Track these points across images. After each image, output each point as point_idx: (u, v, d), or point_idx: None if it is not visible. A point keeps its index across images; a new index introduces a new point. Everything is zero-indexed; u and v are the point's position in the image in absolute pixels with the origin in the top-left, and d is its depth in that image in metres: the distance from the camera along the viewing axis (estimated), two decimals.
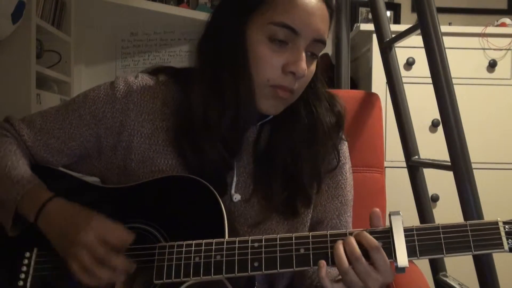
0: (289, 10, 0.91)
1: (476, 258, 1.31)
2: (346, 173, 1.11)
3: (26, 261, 0.95)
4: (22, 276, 0.94)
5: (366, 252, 0.83)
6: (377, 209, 0.87)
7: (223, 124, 0.95)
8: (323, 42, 0.96)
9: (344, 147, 1.12)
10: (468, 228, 0.84)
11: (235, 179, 1.02)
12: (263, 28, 0.93)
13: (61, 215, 0.92)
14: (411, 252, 0.84)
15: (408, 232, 0.84)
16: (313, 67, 0.98)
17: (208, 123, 0.96)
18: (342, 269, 0.83)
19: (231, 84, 0.94)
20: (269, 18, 0.92)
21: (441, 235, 0.84)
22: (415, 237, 0.84)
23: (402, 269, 0.83)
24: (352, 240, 0.84)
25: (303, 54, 0.94)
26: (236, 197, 1.01)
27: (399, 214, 0.86)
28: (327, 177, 1.08)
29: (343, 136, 1.11)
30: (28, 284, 0.93)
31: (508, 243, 0.82)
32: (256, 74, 0.94)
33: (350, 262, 0.83)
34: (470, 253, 0.83)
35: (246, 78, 0.94)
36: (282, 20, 0.91)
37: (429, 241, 0.84)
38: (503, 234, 0.83)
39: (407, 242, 0.84)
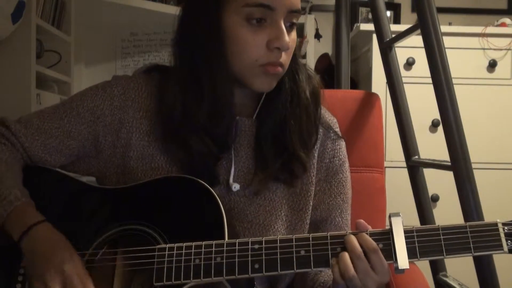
0: None
1: (476, 258, 1.31)
2: (346, 171, 1.12)
3: (22, 271, 0.94)
4: (20, 278, 0.93)
5: (364, 253, 0.84)
6: (361, 220, 0.88)
7: (202, 115, 0.96)
8: (298, 12, 0.97)
9: (343, 145, 1.12)
10: (468, 229, 0.84)
11: (232, 169, 1.02)
12: (239, 12, 0.93)
13: (43, 244, 0.89)
14: (411, 254, 0.84)
15: (408, 233, 0.85)
16: (294, 35, 0.99)
17: (188, 117, 0.97)
18: (349, 275, 0.83)
19: (207, 75, 0.96)
20: (243, 0, 0.93)
21: (441, 237, 0.84)
22: (415, 239, 0.84)
23: (402, 270, 0.83)
24: (353, 239, 0.85)
25: (283, 27, 0.94)
26: (235, 186, 1.01)
27: (399, 215, 0.86)
28: (329, 176, 1.09)
29: (340, 134, 1.12)
30: None
31: (507, 244, 0.83)
32: (242, 57, 0.95)
33: (351, 260, 0.83)
34: (470, 254, 0.83)
35: (223, 64, 0.95)
36: (256, 0, 0.92)
37: (429, 242, 0.84)
38: (502, 235, 0.83)
39: (407, 243, 0.84)
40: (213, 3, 0.95)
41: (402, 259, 0.83)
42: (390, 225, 0.85)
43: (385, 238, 0.85)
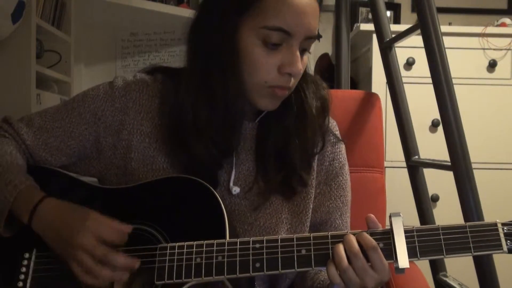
0: (282, 12, 0.91)
1: (476, 258, 1.31)
2: (346, 174, 1.12)
3: (25, 262, 0.94)
4: (22, 277, 0.93)
5: (364, 252, 0.84)
6: (371, 215, 0.88)
7: (213, 124, 0.96)
8: (314, 38, 0.96)
9: (342, 148, 1.12)
10: (468, 229, 0.84)
11: (233, 173, 1.02)
12: (256, 32, 0.92)
13: (54, 216, 0.91)
14: (411, 253, 0.84)
15: (408, 233, 0.85)
16: (306, 60, 0.99)
17: (197, 123, 0.96)
18: (342, 267, 0.83)
19: (220, 85, 0.95)
20: (262, 21, 0.91)
21: (441, 236, 0.84)
22: (415, 238, 0.84)
23: (402, 270, 0.84)
24: (352, 237, 0.85)
25: (298, 54, 0.94)
26: (235, 189, 1.02)
27: (399, 215, 0.86)
28: (329, 178, 1.10)
29: (340, 137, 1.12)
30: (28, 285, 0.92)
31: (507, 244, 0.83)
32: (252, 76, 0.94)
33: (348, 259, 0.83)
34: (470, 254, 0.84)
35: (236, 78, 0.94)
36: (275, 23, 0.91)
37: (429, 242, 0.84)
38: (502, 235, 0.83)
39: (407, 243, 0.84)
40: (230, 17, 0.94)
41: (403, 259, 0.83)
42: (391, 224, 0.85)
43: (386, 238, 0.85)
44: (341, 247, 0.84)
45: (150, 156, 1.02)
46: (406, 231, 0.85)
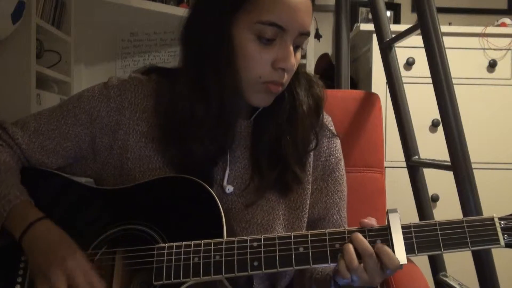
0: (276, 7, 0.92)
1: (476, 258, 1.31)
2: (342, 169, 1.12)
3: (22, 265, 0.94)
4: (19, 279, 0.93)
5: (358, 254, 0.85)
6: (365, 220, 0.88)
7: (208, 120, 0.96)
8: (308, 34, 0.97)
9: (338, 144, 1.12)
10: (465, 224, 0.84)
11: (227, 171, 1.02)
12: (250, 27, 0.93)
13: (45, 239, 0.90)
14: (409, 249, 0.84)
15: (405, 229, 0.85)
16: (298, 56, 0.99)
17: (194, 120, 0.96)
18: (353, 266, 0.84)
19: (215, 81, 0.95)
20: (256, 16, 0.92)
21: (438, 232, 0.84)
22: (413, 234, 0.85)
23: (400, 266, 0.84)
24: (361, 236, 0.85)
25: (291, 49, 0.94)
26: (229, 188, 1.02)
27: (396, 211, 0.86)
28: (325, 174, 1.10)
29: (335, 133, 1.12)
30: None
31: (504, 239, 0.83)
32: (247, 71, 0.95)
33: (358, 257, 0.84)
34: (467, 249, 0.84)
35: (231, 75, 0.95)
36: (270, 18, 0.92)
37: (426, 237, 0.84)
38: (499, 230, 0.84)
39: (405, 239, 0.84)
40: (224, 13, 0.94)
41: (400, 255, 0.84)
42: (388, 221, 0.86)
43: (383, 234, 0.86)
44: (351, 246, 0.85)
45: (146, 155, 1.01)
46: (403, 227, 0.85)
